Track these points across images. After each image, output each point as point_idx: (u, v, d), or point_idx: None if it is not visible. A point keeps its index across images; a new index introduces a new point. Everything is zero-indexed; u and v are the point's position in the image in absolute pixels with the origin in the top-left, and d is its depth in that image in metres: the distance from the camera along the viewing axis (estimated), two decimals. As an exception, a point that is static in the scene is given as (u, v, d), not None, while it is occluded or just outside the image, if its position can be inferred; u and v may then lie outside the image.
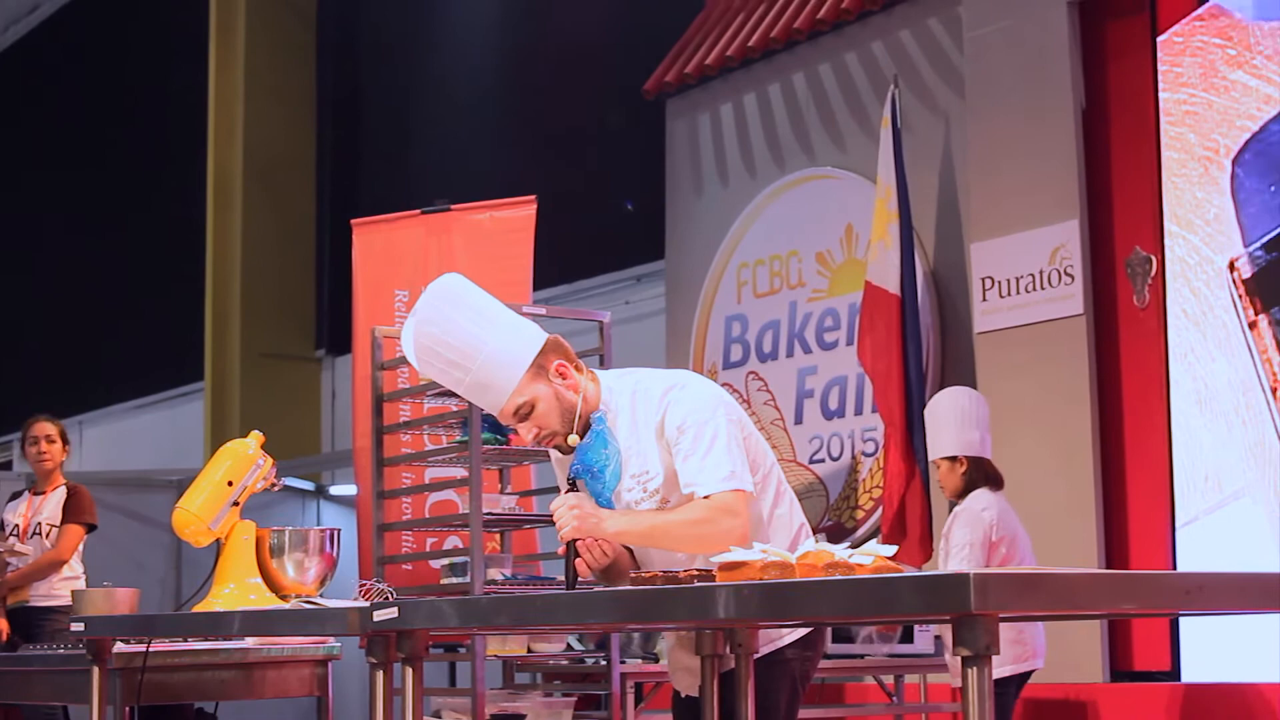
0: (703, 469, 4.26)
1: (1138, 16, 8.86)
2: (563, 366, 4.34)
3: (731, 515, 4.22)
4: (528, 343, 4.34)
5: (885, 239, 9.35)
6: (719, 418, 4.31)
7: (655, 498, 4.36)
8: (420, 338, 4.32)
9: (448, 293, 4.39)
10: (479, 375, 4.30)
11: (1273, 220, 8.14)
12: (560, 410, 4.34)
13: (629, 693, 7.66)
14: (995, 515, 7.40)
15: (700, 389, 4.41)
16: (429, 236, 9.44)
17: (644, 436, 4.36)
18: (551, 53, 14.13)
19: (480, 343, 4.29)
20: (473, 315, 4.34)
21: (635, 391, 4.41)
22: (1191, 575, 3.18)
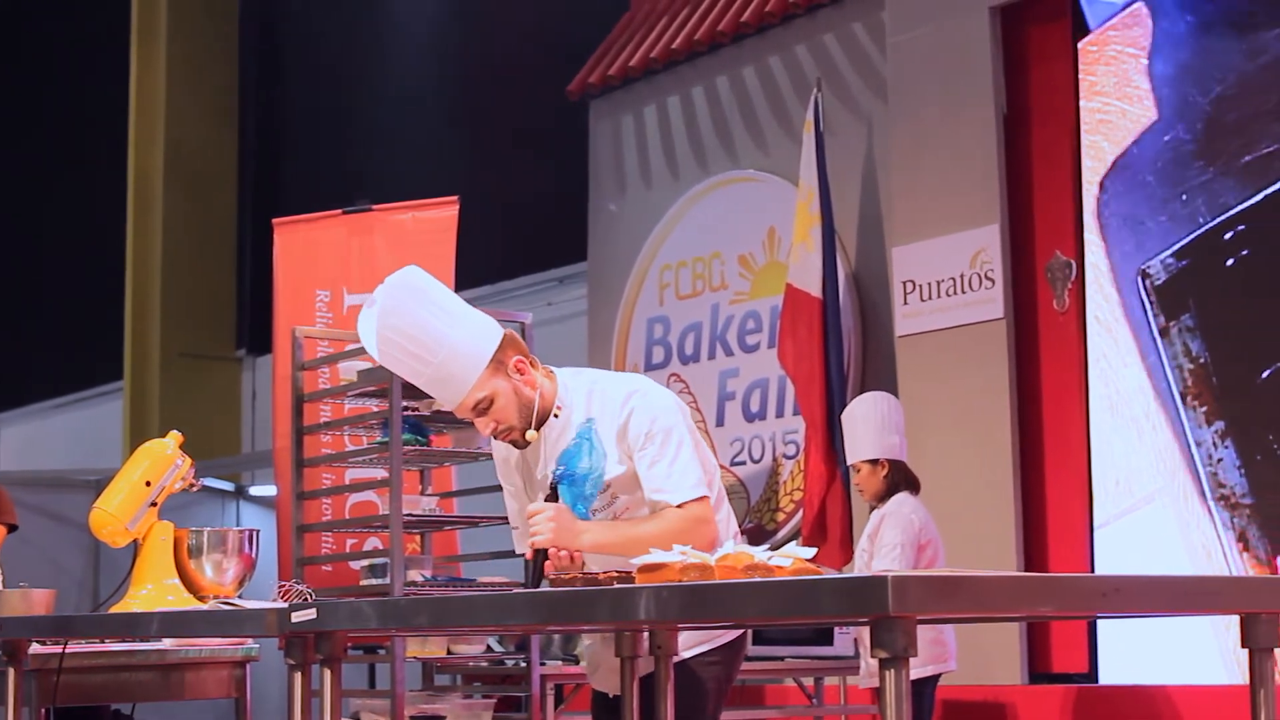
0: (671, 475, 4.31)
1: (1058, 22, 8.92)
2: (521, 363, 4.38)
3: (704, 523, 4.28)
4: (487, 338, 4.36)
5: (807, 242, 9.38)
6: (682, 427, 4.37)
7: (605, 494, 4.41)
8: (382, 329, 4.33)
9: (410, 285, 4.39)
10: (440, 369, 4.32)
11: (1184, 228, 8.21)
12: (518, 406, 4.37)
13: (549, 694, 7.65)
14: (922, 519, 7.46)
15: (662, 395, 4.47)
16: (351, 236, 9.40)
17: (601, 435, 4.40)
18: (475, 53, 14.11)
19: (443, 336, 4.31)
20: (434, 309, 4.35)
21: (591, 391, 4.45)
22: (1108, 578, 3.21)
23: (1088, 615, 6.28)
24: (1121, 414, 8.39)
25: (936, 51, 9.20)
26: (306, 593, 5.48)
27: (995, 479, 8.73)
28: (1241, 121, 8.06)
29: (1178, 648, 7.91)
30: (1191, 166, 8.21)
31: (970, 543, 8.53)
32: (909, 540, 7.38)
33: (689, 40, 10.87)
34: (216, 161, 16.76)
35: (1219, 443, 7.98)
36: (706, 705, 4.44)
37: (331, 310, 9.26)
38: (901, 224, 9.35)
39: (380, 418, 7.54)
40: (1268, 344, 7.86)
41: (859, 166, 9.91)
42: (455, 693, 8.24)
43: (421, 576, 7.54)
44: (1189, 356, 8.15)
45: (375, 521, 8.10)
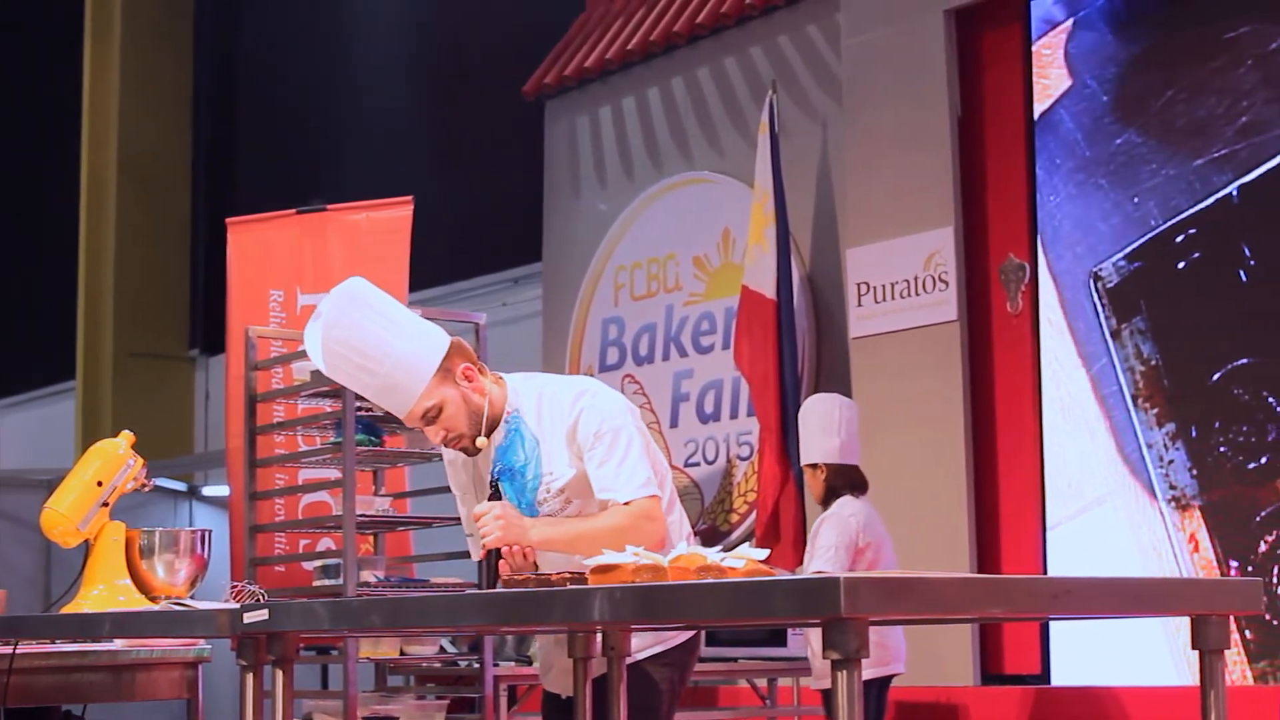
0: (619, 474, 4.32)
1: (1012, 26, 8.95)
2: (469, 369, 4.39)
3: (651, 520, 4.29)
4: (434, 346, 4.37)
5: (762, 243, 9.40)
6: (630, 425, 4.38)
7: (560, 498, 4.41)
8: (328, 341, 4.33)
9: (354, 297, 4.39)
10: (387, 378, 4.33)
11: (1135, 231, 8.25)
12: (467, 412, 4.38)
13: (502, 695, 7.64)
14: (862, 521, 7.47)
15: (611, 396, 4.47)
16: (304, 236, 9.37)
17: (551, 439, 4.40)
18: (431, 53, 14.09)
19: (388, 346, 4.32)
20: (380, 319, 4.36)
21: (541, 395, 4.45)
22: (1059, 580, 3.22)
23: (1039, 617, 6.30)
24: (1073, 416, 8.43)
25: (891, 54, 9.23)
26: (259, 593, 5.46)
27: (948, 480, 8.75)
28: (1193, 125, 8.10)
29: (1129, 649, 7.95)
30: (1144, 169, 8.25)
31: (923, 543, 8.56)
32: (844, 543, 7.39)
33: (644, 41, 10.88)
34: (170, 161, 16.70)
35: (1170, 444, 8.02)
36: (660, 706, 4.45)
37: (285, 310, 9.23)
38: (856, 226, 9.37)
39: (333, 418, 7.53)
40: (1218, 346, 7.91)
41: (813, 168, 9.93)
42: (408, 694, 8.22)
43: (375, 577, 7.52)
44: (1140, 358, 8.19)
45: (328, 522, 8.07)
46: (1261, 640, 7.57)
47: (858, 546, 7.40)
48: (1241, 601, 3.44)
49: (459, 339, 4.47)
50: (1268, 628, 7.47)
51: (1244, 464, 7.75)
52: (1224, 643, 3.38)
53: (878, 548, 7.47)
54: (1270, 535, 7.63)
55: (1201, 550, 7.86)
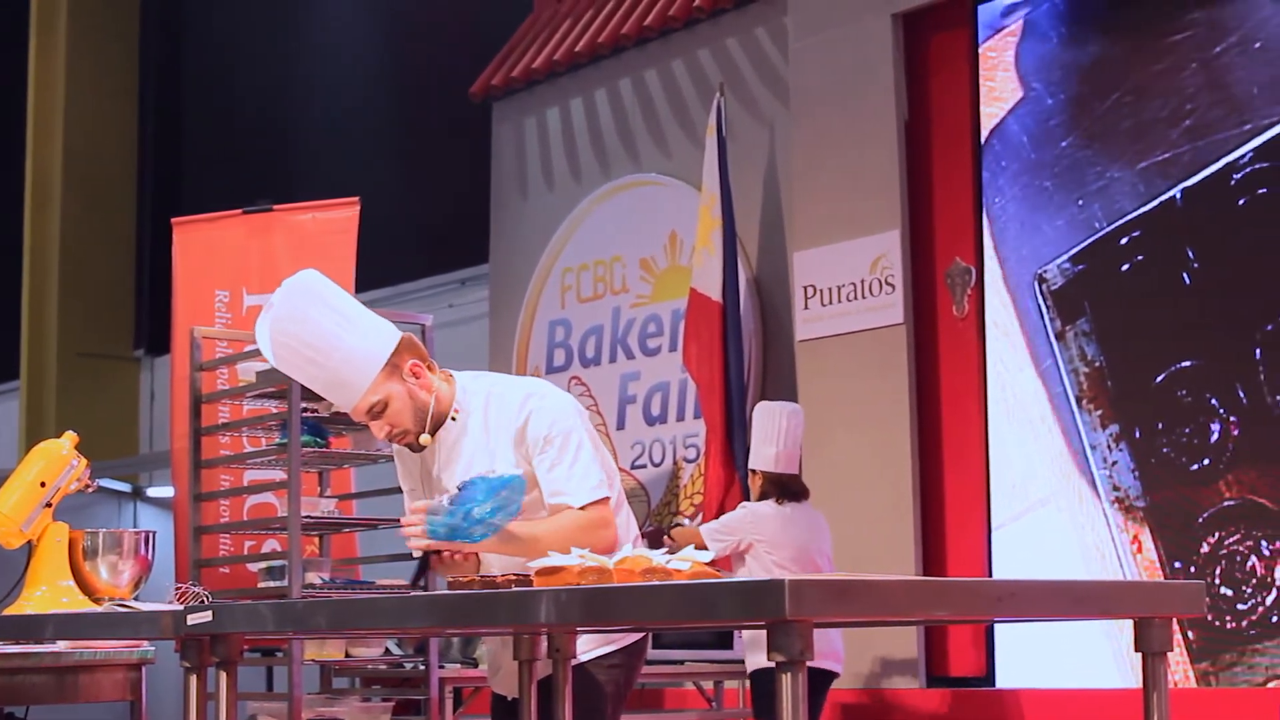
0: (571, 478, 4.31)
1: (959, 29, 8.98)
2: (417, 366, 4.37)
3: (604, 525, 4.29)
4: (383, 341, 4.35)
5: (709, 246, 9.41)
6: (581, 430, 4.37)
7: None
8: (277, 334, 4.32)
9: (306, 289, 4.38)
10: (334, 373, 4.32)
11: (1080, 233, 8.30)
12: (413, 409, 4.36)
13: (448, 697, 7.63)
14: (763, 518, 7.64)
15: (561, 398, 4.46)
16: (250, 236, 9.34)
17: (497, 439, 4.38)
18: (378, 54, 14.06)
19: (336, 340, 4.30)
20: (329, 313, 4.35)
21: (490, 394, 4.44)
22: (1002, 583, 3.23)
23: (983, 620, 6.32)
24: (1018, 418, 8.46)
25: (838, 57, 9.25)
26: (203, 595, 5.44)
27: (894, 482, 8.78)
28: (1138, 128, 8.14)
29: (1074, 651, 7.99)
30: (1088, 172, 8.29)
31: (869, 545, 8.58)
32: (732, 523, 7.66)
33: (592, 43, 10.88)
34: (116, 160, 16.61)
35: (1113, 446, 8.06)
36: (604, 708, 4.44)
37: (231, 311, 9.20)
38: (803, 229, 9.38)
39: (279, 419, 7.50)
40: (1162, 348, 7.95)
41: (761, 171, 9.94)
42: (353, 695, 8.21)
43: (320, 579, 7.50)
44: (1084, 360, 8.23)
45: (273, 523, 8.06)
46: (1204, 642, 7.62)
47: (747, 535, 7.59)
48: (1184, 604, 3.45)
49: (410, 335, 4.45)
50: (1210, 629, 7.51)
51: (1187, 465, 7.80)
52: (1167, 645, 3.40)
53: (796, 548, 7.57)
54: (1212, 537, 7.68)
55: (1145, 551, 7.90)
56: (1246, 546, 7.55)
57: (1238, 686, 7.51)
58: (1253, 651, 7.50)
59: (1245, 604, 7.53)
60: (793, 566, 7.52)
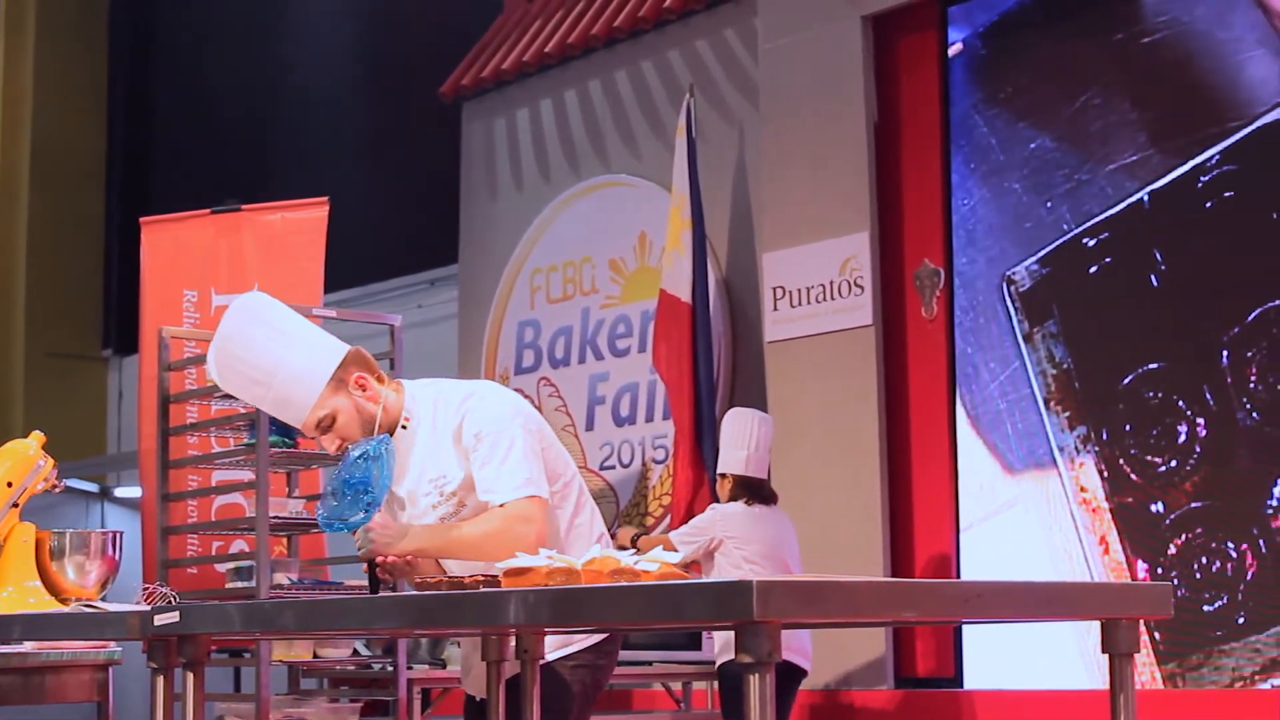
0: (499, 476, 4.33)
1: (928, 32, 8.99)
2: (362, 379, 4.42)
3: (525, 522, 4.29)
4: (327, 357, 4.42)
5: (679, 247, 9.41)
6: (515, 427, 4.39)
7: (451, 501, 4.43)
8: (221, 355, 4.43)
9: (248, 311, 4.47)
10: (279, 391, 4.40)
11: (1048, 235, 8.32)
12: (361, 421, 4.42)
13: (416, 698, 7.62)
14: (730, 518, 7.71)
15: (499, 398, 4.50)
16: (219, 236, 9.32)
17: (442, 442, 4.43)
18: (348, 53, 14.04)
19: (279, 359, 4.38)
20: (272, 333, 4.42)
21: (437, 399, 4.48)
22: (970, 584, 3.24)
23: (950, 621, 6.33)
24: (986, 419, 8.48)
25: (808, 59, 9.25)
26: (171, 595, 5.43)
27: (863, 483, 8.79)
28: (1105, 130, 8.17)
29: (1041, 652, 8.01)
30: (1056, 174, 8.31)
31: (837, 546, 8.59)
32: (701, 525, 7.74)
33: (562, 44, 10.87)
34: (84, 159, 16.56)
35: (1081, 447, 8.08)
36: (570, 707, 4.45)
37: (199, 310, 9.18)
38: (772, 230, 9.39)
39: (247, 419, 7.49)
40: (1129, 350, 7.98)
41: (730, 172, 9.95)
42: (321, 696, 8.19)
43: (288, 579, 7.49)
44: (1052, 362, 8.25)
45: (241, 524, 8.04)
46: (1171, 643, 7.64)
47: (716, 534, 7.66)
48: (1151, 605, 3.46)
49: (358, 349, 4.51)
50: (1177, 631, 7.53)
51: (1154, 467, 7.82)
52: (1134, 646, 3.40)
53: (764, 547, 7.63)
54: (1180, 538, 7.70)
55: (1112, 553, 7.93)
56: (1213, 548, 7.58)
57: (1204, 688, 7.54)
58: (1219, 653, 7.52)
59: (1212, 606, 7.55)
60: (763, 563, 7.56)
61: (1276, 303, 7.50)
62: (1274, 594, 7.39)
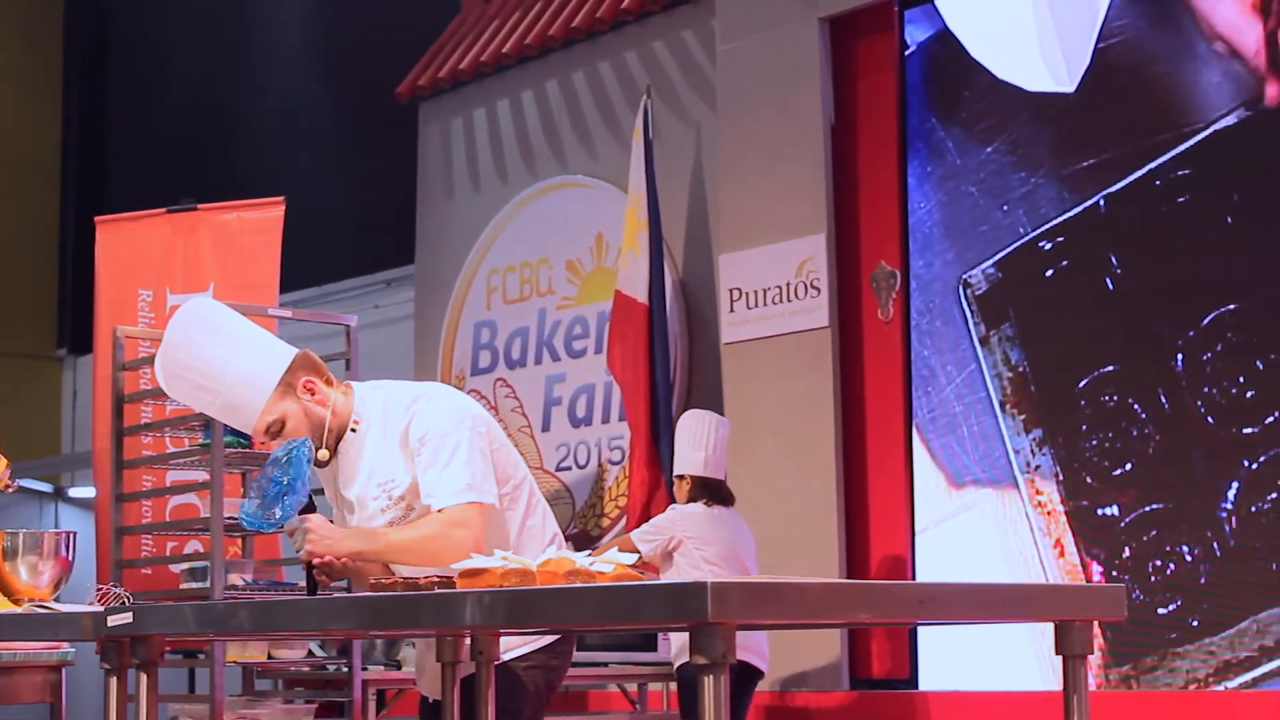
0: (440, 480, 4.34)
1: (885, 34, 9.01)
2: (310, 383, 4.42)
3: (462, 527, 4.29)
4: (274, 362, 4.42)
5: (635, 248, 9.41)
6: (462, 430, 4.39)
7: (400, 505, 4.42)
8: (168, 364, 4.42)
9: (194, 317, 4.46)
10: (227, 398, 4.40)
11: (1004, 239, 8.34)
12: (309, 425, 4.41)
13: (370, 699, 7.61)
14: (690, 517, 7.71)
15: (446, 401, 4.49)
16: (175, 236, 9.29)
17: (390, 445, 4.43)
18: (305, 53, 14.01)
19: (226, 366, 4.38)
20: (218, 339, 4.42)
21: (386, 402, 4.48)
22: (924, 585, 3.25)
23: (905, 622, 6.35)
24: (942, 422, 8.50)
25: (766, 60, 9.26)
26: (124, 596, 5.41)
27: (819, 485, 8.80)
28: (1061, 135, 8.19)
29: (996, 654, 8.02)
30: (1013, 178, 8.33)
31: (794, 547, 8.60)
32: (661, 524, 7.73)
33: (519, 44, 10.86)
34: (39, 158, 16.49)
35: (1036, 450, 8.11)
36: (523, 707, 4.45)
37: (154, 310, 9.15)
38: (729, 232, 9.40)
39: (202, 419, 7.46)
40: (1085, 353, 8.00)
41: (687, 174, 9.95)
42: (276, 698, 8.17)
43: (242, 580, 7.47)
44: (1008, 365, 8.27)
45: (196, 524, 8.02)
46: (1125, 645, 7.66)
47: (676, 534, 7.66)
48: (1105, 607, 3.48)
49: (305, 352, 4.51)
50: (1131, 633, 7.56)
51: (1109, 470, 7.85)
52: (1088, 648, 3.42)
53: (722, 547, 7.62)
54: (1134, 541, 7.73)
55: (1067, 555, 7.95)
56: (1167, 551, 7.61)
57: (1158, 689, 7.56)
58: (1173, 655, 7.55)
59: (1166, 608, 7.58)
60: (722, 564, 7.57)
61: (1231, 307, 7.54)
62: (1228, 597, 7.42)
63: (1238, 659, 7.36)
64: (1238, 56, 7.64)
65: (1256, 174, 7.56)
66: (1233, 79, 7.65)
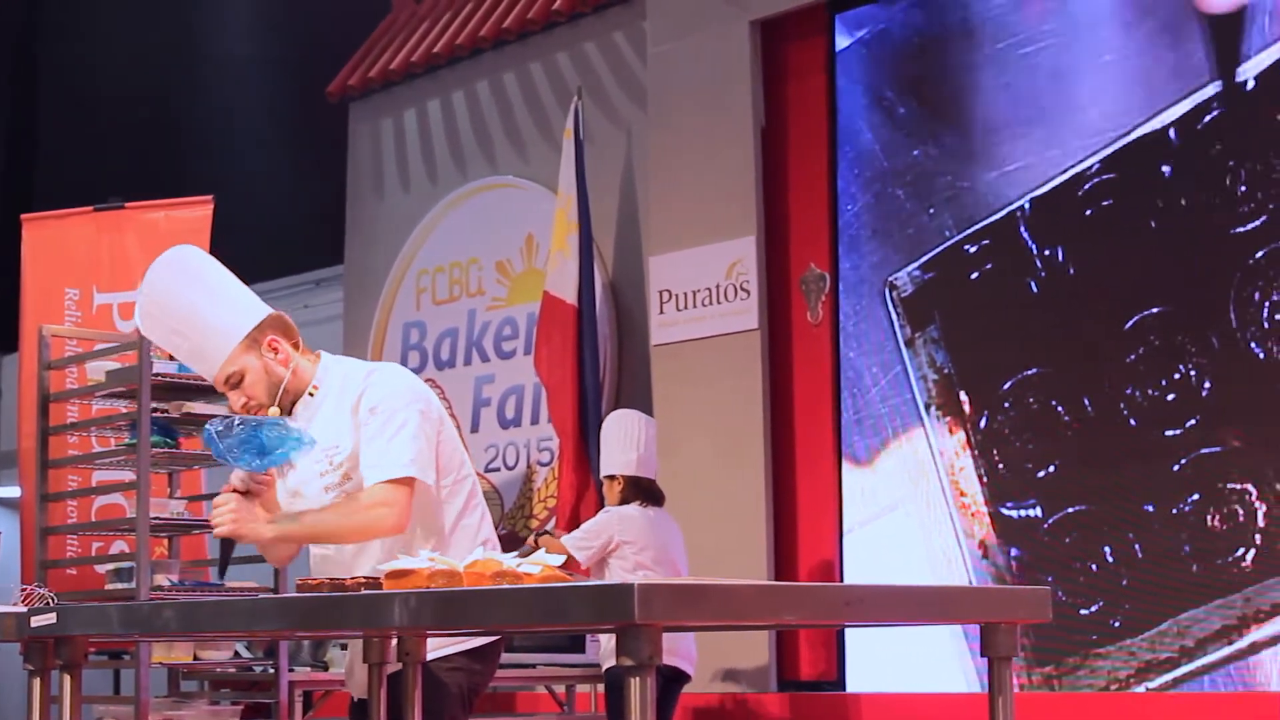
0: (382, 453, 4.39)
1: (816, 38, 9.04)
2: (275, 341, 4.53)
3: (384, 506, 4.34)
4: (245, 316, 4.54)
5: (565, 249, 9.41)
6: (413, 409, 4.44)
7: (338, 471, 4.48)
8: (145, 304, 4.57)
9: (176, 261, 4.63)
10: (196, 342, 4.53)
11: (931, 241, 8.39)
12: (268, 383, 4.51)
13: (297, 701, 7.59)
14: (627, 520, 7.65)
15: (401, 378, 4.58)
16: (102, 234, 9.25)
17: (341, 413, 4.49)
18: (236, 52, 13.95)
19: (199, 313, 4.51)
20: (197, 286, 4.56)
21: (346, 374, 4.58)
22: (850, 587, 3.26)
23: (831, 624, 6.37)
24: (869, 423, 8.54)
25: (696, 63, 9.28)
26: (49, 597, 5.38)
27: (748, 486, 8.82)
28: (987, 138, 8.24)
29: (922, 656, 8.06)
30: (939, 181, 8.38)
31: (723, 549, 8.62)
32: (595, 531, 7.66)
33: (450, 45, 10.85)
34: (-36, 154, 16.36)
35: (961, 452, 8.15)
36: (444, 709, 4.44)
37: (81, 309, 9.10)
38: (659, 234, 9.41)
39: (129, 419, 7.43)
40: (1009, 356, 8.05)
41: (618, 175, 9.96)
42: (202, 699, 8.13)
43: (168, 581, 7.44)
44: (934, 367, 8.31)
45: (122, 525, 7.98)
46: (1047, 646, 7.71)
47: (613, 537, 7.60)
48: (1030, 610, 3.50)
49: (280, 313, 4.62)
50: (1055, 634, 7.60)
51: (1033, 472, 7.90)
52: (1012, 650, 3.44)
53: (655, 550, 7.59)
54: (1057, 543, 7.78)
55: (990, 556, 8.00)
56: (1090, 552, 7.67)
57: (1080, 691, 7.62)
58: (1095, 656, 7.61)
59: (1088, 609, 7.64)
60: (655, 568, 7.56)
61: (1155, 310, 7.60)
62: (1150, 598, 7.48)
63: (1159, 660, 7.42)
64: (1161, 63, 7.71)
65: (1179, 178, 7.63)
66: (1156, 84, 7.71)
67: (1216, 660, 7.26)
